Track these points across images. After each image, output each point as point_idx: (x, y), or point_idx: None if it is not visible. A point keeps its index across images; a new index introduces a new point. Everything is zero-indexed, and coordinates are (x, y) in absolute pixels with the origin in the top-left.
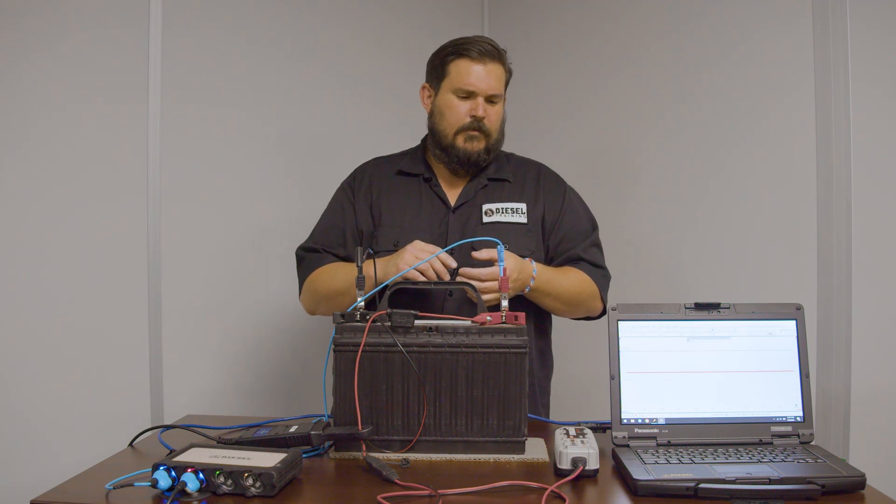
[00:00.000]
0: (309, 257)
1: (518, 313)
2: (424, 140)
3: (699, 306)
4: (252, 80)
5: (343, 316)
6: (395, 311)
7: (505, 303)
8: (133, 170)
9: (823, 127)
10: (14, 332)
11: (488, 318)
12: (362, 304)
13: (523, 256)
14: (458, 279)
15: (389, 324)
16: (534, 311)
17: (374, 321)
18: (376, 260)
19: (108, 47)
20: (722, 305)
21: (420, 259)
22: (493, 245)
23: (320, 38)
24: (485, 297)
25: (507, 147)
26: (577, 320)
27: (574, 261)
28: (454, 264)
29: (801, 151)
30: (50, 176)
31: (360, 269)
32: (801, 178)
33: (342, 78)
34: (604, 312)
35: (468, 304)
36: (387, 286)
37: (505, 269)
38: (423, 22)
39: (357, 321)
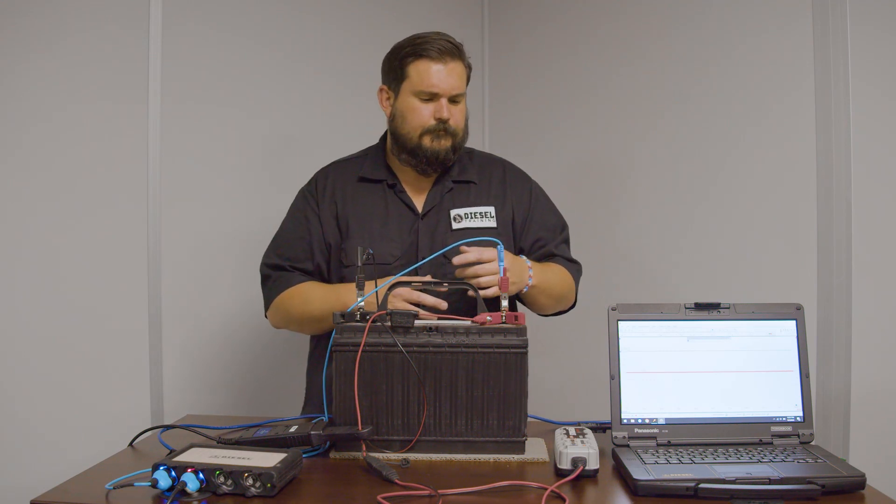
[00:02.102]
0: (276, 276)
1: (518, 313)
2: (383, 140)
3: (699, 306)
4: (252, 81)
5: (343, 316)
6: (395, 310)
7: (505, 303)
8: (133, 170)
9: (823, 127)
10: (14, 331)
11: (488, 318)
12: (363, 303)
13: None
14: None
15: (389, 324)
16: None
17: (374, 321)
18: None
19: (108, 47)
20: (722, 305)
21: (409, 300)
22: (490, 245)
23: (320, 38)
24: (485, 290)
25: (506, 147)
26: (550, 316)
27: (548, 257)
28: (444, 306)
29: (801, 151)
30: (50, 176)
31: (360, 269)
32: (801, 178)
33: (342, 78)
34: (573, 306)
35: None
36: (387, 287)
37: (505, 269)
38: (424, 22)
39: (357, 321)
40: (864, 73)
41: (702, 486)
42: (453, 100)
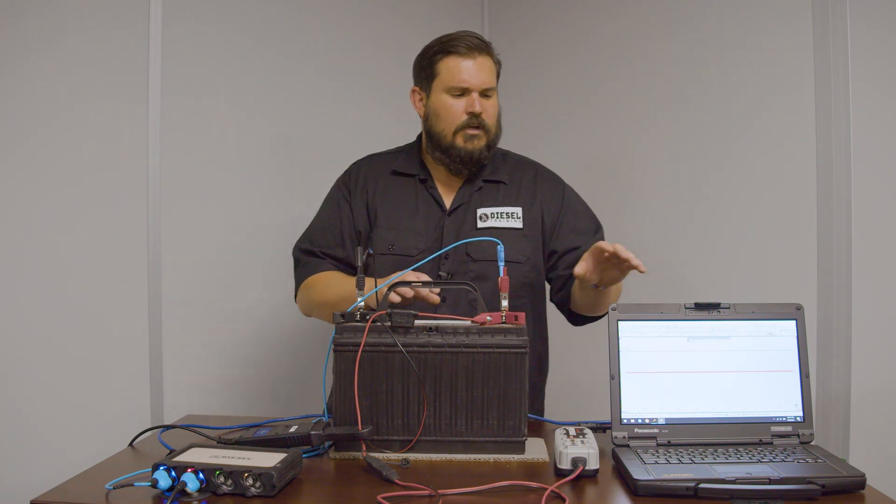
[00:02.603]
0: (305, 261)
1: (518, 313)
2: (420, 138)
3: (699, 306)
4: (252, 80)
5: (343, 316)
6: (395, 310)
7: (505, 303)
8: (133, 170)
9: (823, 127)
10: (14, 331)
11: (488, 318)
12: (362, 303)
13: (518, 262)
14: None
15: (389, 324)
16: (532, 317)
17: (374, 321)
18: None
19: (108, 47)
20: (722, 305)
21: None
22: (492, 245)
23: (320, 37)
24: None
25: (506, 147)
26: (587, 323)
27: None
28: (397, 299)
29: (801, 151)
30: (50, 176)
31: (360, 269)
32: (801, 178)
33: (342, 78)
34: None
35: (465, 308)
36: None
37: (505, 270)
38: (424, 22)
39: (357, 321)
40: (864, 73)
41: (702, 486)
42: (485, 94)
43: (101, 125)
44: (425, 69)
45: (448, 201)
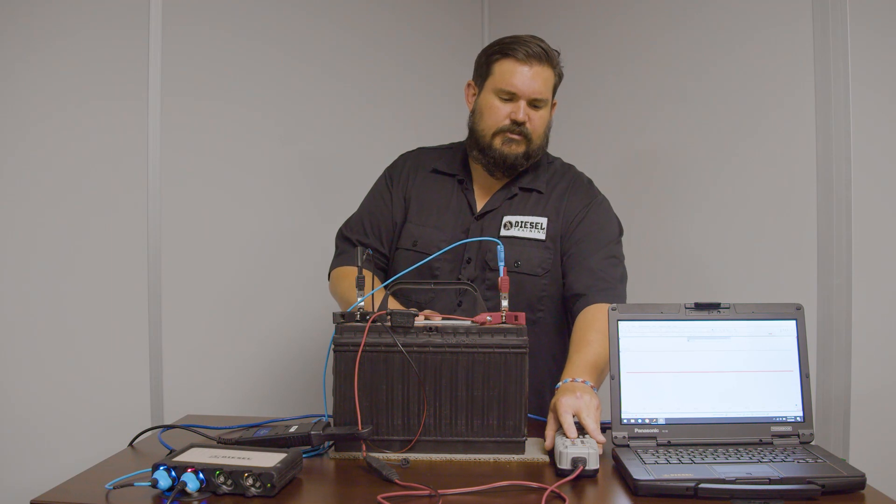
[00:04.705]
0: (341, 248)
1: (518, 313)
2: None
3: (699, 306)
4: (252, 80)
5: (343, 316)
6: (395, 310)
7: (505, 303)
8: (133, 170)
9: (823, 127)
10: (14, 331)
11: (488, 318)
12: (362, 303)
13: (536, 275)
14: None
15: (389, 324)
16: (555, 331)
17: (374, 321)
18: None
19: (108, 47)
20: (722, 305)
21: None
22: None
23: (320, 36)
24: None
25: None
26: None
27: (585, 273)
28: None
29: (801, 151)
30: (50, 176)
31: (360, 270)
32: (801, 179)
33: (342, 76)
34: None
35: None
36: (387, 286)
37: (504, 269)
38: (424, 22)
39: (357, 321)
40: (864, 73)
41: (702, 486)
42: (534, 104)
43: (100, 125)
44: (482, 66)
45: (481, 205)
